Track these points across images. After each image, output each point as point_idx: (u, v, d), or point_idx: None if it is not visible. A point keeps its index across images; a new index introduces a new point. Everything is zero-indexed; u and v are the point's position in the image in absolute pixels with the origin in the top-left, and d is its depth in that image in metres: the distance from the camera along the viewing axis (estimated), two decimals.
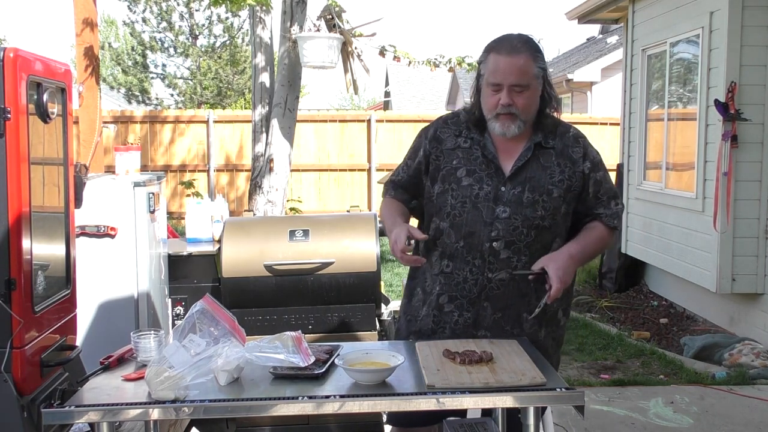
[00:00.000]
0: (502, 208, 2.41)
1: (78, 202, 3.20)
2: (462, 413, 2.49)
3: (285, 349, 2.10)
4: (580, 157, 2.48)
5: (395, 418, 2.60)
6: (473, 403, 2.02)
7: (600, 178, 2.51)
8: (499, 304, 2.44)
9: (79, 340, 3.12)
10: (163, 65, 23.93)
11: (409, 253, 2.39)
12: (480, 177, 2.44)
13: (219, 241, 4.29)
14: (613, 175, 9.48)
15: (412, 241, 2.38)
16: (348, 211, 4.62)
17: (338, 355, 2.19)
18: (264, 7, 6.54)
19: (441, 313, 2.48)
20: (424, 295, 2.54)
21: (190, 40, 23.39)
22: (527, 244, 2.41)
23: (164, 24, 23.07)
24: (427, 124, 2.65)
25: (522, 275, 2.39)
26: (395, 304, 4.91)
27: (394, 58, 6.72)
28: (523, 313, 2.45)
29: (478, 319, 2.45)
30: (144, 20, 22.88)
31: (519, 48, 2.37)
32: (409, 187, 2.61)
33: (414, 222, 2.60)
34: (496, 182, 2.42)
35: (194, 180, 7.86)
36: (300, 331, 2.19)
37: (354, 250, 3.93)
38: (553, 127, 2.50)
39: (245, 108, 19.33)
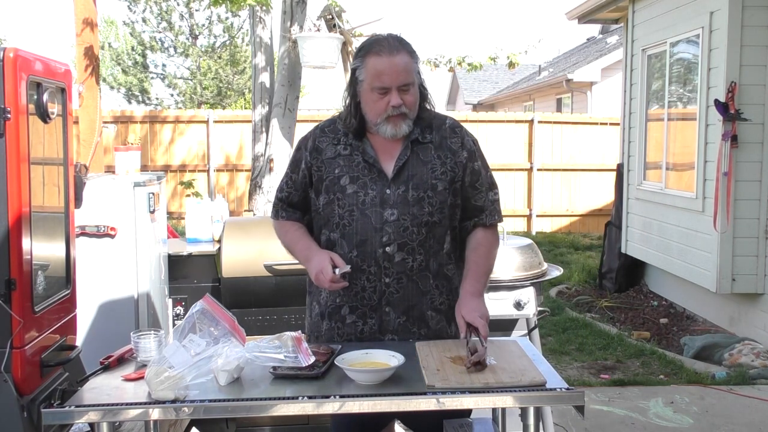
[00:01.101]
0: (389, 210, 2.37)
1: (78, 202, 3.20)
2: (466, 413, 2.48)
3: (285, 349, 2.10)
4: (459, 147, 2.45)
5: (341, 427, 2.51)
6: (473, 403, 2.01)
7: (477, 167, 2.47)
8: (401, 307, 2.39)
9: (79, 340, 3.12)
10: (163, 65, 23.97)
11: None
12: (364, 182, 2.39)
13: (219, 241, 4.29)
14: (612, 175, 9.56)
15: (338, 270, 2.30)
16: None
17: (338, 355, 2.19)
18: (264, 7, 6.54)
19: (344, 325, 2.43)
20: (320, 308, 2.49)
21: (190, 40, 23.40)
22: (420, 242, 2.38)
23: (164, 24, 23.09)
24: None
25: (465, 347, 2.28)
26: None
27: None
28: (428, 311, 2.42)
29: (382, 325, 2.40)
30: (144, 20, 22.91)
31: (398, 47, 2.34)
32: (298, 203, 2.53)
33: None
34: (380, 185, 2.38)
35: (194, 180, 7.85)
36: (300, 332, 2.19)
37: None
38: (429, 120, 2.46)
39: (245, 108, 19.34)
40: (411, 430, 2.53)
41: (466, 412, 2.39)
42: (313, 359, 2.11)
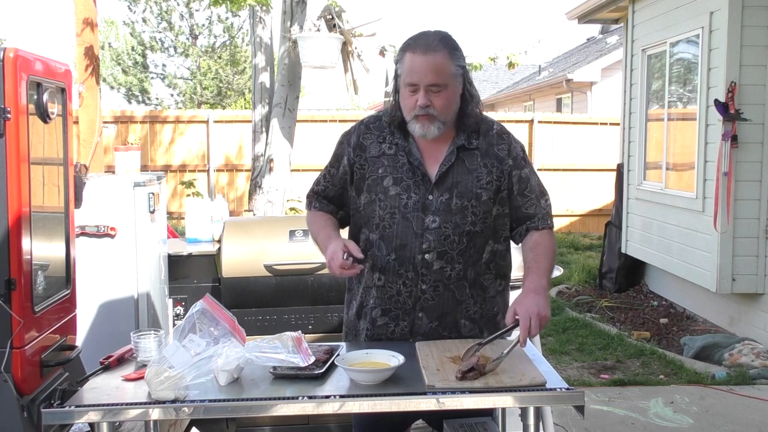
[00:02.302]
0: (431, 217, 2.32)
1: (78, 202, 3.20)
2: (464, 413, 2.48)
3: (285, 349, 2.10)
4: (506, 155, 2.39)
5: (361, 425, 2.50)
6: (473, 403, 2.01)
7: (525, 175, 2.41)
8: (434, 313, 2.37)
9: (79, 340, 3.12)
10: (163, 65, 23.97)
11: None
12: (408, 185, 2.35)
13: (219, 241, 4.29)
14: (612, 175, 9.56)
15: (350, 258, 2.27)
16: None
17: (338, 355, 2.19)
18: (264, 7, 6.54)
19: (374, 326, 2.42)
20: (358, 309, 2.47)
21: (190, 40, 23.40)
22: (460, 252, 2.34)
23: (164, 24, 23.09)
24: None
25: (497, 337, 2.26)
26: None
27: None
28: (461, 320, 2.38)
29: (414, 328, 2.38)
30: (144, 20, 22.91)
31: (435, 46, 2.27)
32: (334, 198, 2.50)
33: (345, 232, 2.51)
34: (423, 191, 2.34)
35: (194, 180, 7.85)
36: (300, 332, 2.19)
37: None
38: (476, 125, 2.39)
39: (245, 108, 19.34)
40: (434, 430, 2.51)
41: (485, 412, 2.37)
42: (313, 359, 2.11)
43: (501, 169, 2.38)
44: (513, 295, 3.57)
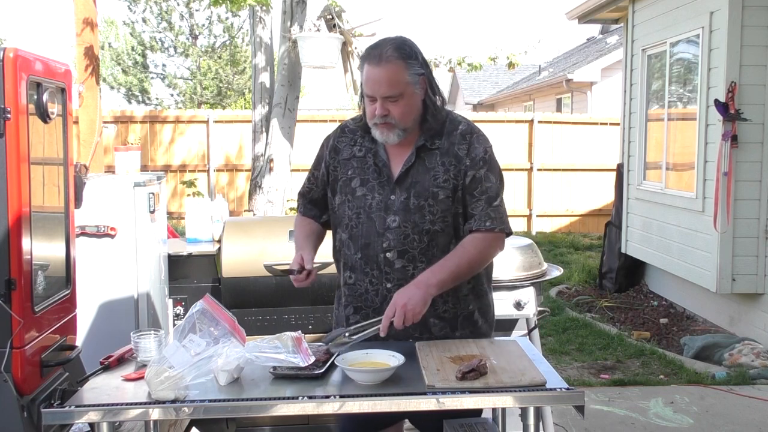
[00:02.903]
0: (392, 217, 2.36)
1: (78, 202, 3.20)
2: (475, 413, 2.47)
3: (285, 349, 2.10)
4: (465, 154, 2.39)
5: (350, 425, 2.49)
6: (473, 403, 2.01)
7: (479, 176, 2.38)
8: None
9: (79, 340, 3.12)
10: (163, 65, 23.97)
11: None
12: (372, 186, 2.40)
13: (219, 241, 4.29)
14: (612, 175, 9.56)
15: (298, 269, 2.35)
16: None
17: (338, 355, 2.19)
18: (264, 7, 6.54)
19: (348, 324, 2.44)
20: (337, 306, 2.54)
21: (190, 40, 23.40)
22: (422, 251, 2.35)
23: (164, 24, 23.10)
24: None
25: (360, 337, 2.25)
26: None
27: None
28: (430, 318, 2.37)
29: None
30: (144, 20, 22.92)
31: (389, 57, 2.28)
32: (318, 200, 2.56)
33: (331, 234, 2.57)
34: (386, 191, 2.38)
35: (195, 180, 7.85)
36: (300, 332, 2.19)
37: None
38: (439, 126, 2.40)
39: (245, 108, 19.33)
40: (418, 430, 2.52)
41: (476, 412, 2.38)
42: (313, 359, 2.11)
43: (458, 168, 2.38)
44: (497, 295, 3.58)
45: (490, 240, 2.37)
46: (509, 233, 2.42)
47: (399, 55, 2.31)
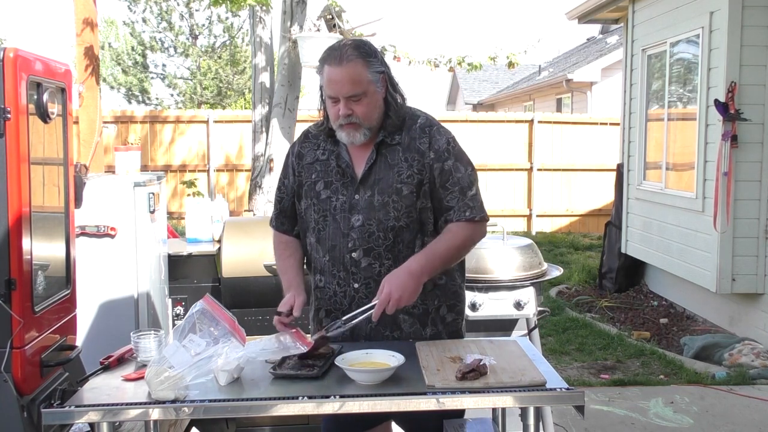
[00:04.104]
0: (356, 216, 2.36)
1: (78, 202, 3.20)
2: (459, 413, 2.48)
3: (284, 344, 2.11)
4: (426, 148, 2.38)
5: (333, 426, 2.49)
6: (473, 403, 2.01)
7: (447, 167, 2.38)
8: None
9: (79, 340, 3.12)
10: (163, 65, 23.96)
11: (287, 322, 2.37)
12: (336, 188, 2.40)
13: (219, 241, 4.29)
14: (612, 175, 9.56)
15: (287, 312, 2.35)
16: None
17: (338, 354, 2.19)
18: (264, 7, 6.54)
19: (321, 327, 2.42)
20: (310, 311, 2.54)
21: (190, 40, 23.40)
22: (387, 248, 2.36)
23: (164, 24, 23.08)
24: None
25: (354, 323, 2.27)
26: None
27: (394, 57, 6.72)
28: (400, 315, 2.38)
29: (354, 330, 2.36)
30: (144, 20, 22.90)
31: (349, 56, 2.29)
32: (287, 209, 2.55)
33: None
34: (350, 191, 2.38)
35: (195, 180, 7.85)
36: (298, 328, 2.21)
37: None
38: (399, 122, 2.40)
39: (245, 108, 19.33)
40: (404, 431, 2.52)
41: (460, 412, 2.39)
42: (309, 339, 2.11)
43: (422, 162, 2.38)
44: (497, 295, 3.57)
45: (472, 228, 2.39)
46: (488, 219, 2.44)
47: (359, 54, 2.32)
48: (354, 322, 2.27)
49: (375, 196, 2.37)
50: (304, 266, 2.57)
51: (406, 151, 2.39)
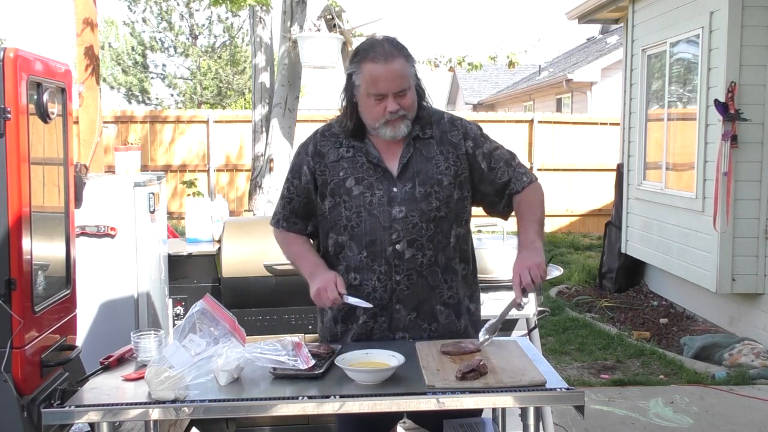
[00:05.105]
0: (398, 208, 2.38)
1: (78, 202, 3.20)
2: (476, 413, 2.47)
3: (285, 350, 2.11)
4: (460, 139, 2.47)
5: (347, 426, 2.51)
6: (473, 403, 2.01)
7: (487, 149, 2.49)
8: (411, 303, 2.41)
9: (79, 340, 3.12)
10: (163, 65, 23.95)
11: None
12: (370, 183, 2.40)
13: (219, 241, 4.29)
14: (612, 175, 9.56)
15: (346, 298, 2.33)
16: None
17: (338, 354, 2.19)
18: (264, 7, 6.54)
19: (357, 325, 2.44)
20: (332, 313, 2.49)
21: (190, 40, 23.39)
22: (428, 238, 2.40)
23: (164, 24, 23.08)
24: None
25: (505, 314, 2.34)
26: None
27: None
28: (437, 306, 2.43)
29: (392, 323, 2.41)
30: (144, 20, 22.89)
31: (393, 53, 2.34)
32: (299, 210, 2.53)
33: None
34: (387, 185, 2.40)
35: (195, 180, 7.85)
36: (300, 337, 2.20)
37: None
38: (428, 117, 2.47)
39: (245, 108, 19.33)
40: (421, 427, 2.51)
41: (476, 412, 2.39)
42: (313, 362, 2.11)
43: (457, 154, 2.46)
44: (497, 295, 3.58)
45: (534, 189, 2.51)
46: (537, 178, 2.57)
47: (398, 50, 2.38)
48: (505, 312, 2.33)
49: (416, 187, 2.40)
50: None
51: (440, 144, 2.46)
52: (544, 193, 2.56)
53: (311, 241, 2.59)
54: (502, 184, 2.49)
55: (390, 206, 2.39)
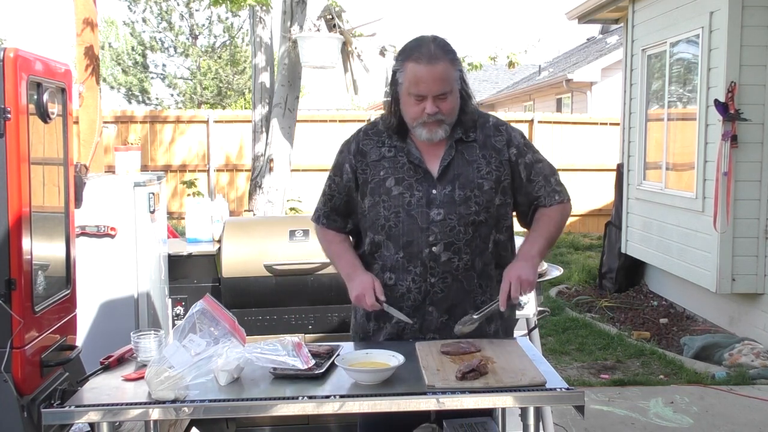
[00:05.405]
0: (436, 210, 2.38)
1: (78, 202, 3.19)
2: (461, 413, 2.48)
3: (285, 350, 2.11)
4: (504, 145, 2.45)
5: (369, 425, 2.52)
6: (473, 403, 2.01)
7: (529, 160, 2.48)
8: (444, 306, 2.41)
9: (79, 340, 3.11)
10: (163, 65, 23.96)
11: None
12: (410, 184, 2.40)
13: (219, 241, 4.29)
14: (612, 175, 9.56)
15: (386, 306, 2.35)
16: None
17: (338, 355, 2.19)
18: (264, 7, 6.54)
19: (390, 324, 2.44)
20: (366, 311, 2.49)
21: (190, 40, 23.40)
22: (466, 242, 2.39)
23: (164, 24, 23.09)
24: None
25: (485, 314, 2.36)
26: None
27: (394, 58, 6.71)
28: (470, 310, 2.42)
29: (424, 324, 2.41)
30: (144, 20, 22.90)
31: (438, 55, 2.32)
32: (340, 207, 2.54)
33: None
34: (426, 186, 2.39)
35: (195, 180, 7.85)
36: (300, 337, 2.20)
37: None
38: (472, 119, 2.46)
39: (245, 108, 19.33)
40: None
41: (485, 412, 2.39)
42: (313, 362, 2.11)
43: (500, 159, 2.44)
44: None
45: (561, 209, 2.53)
46: (570, 198, 2.58)
47: (445, 53, 2.35)
48: (483, 313, 2.35)
49: (456, 190, 2.39)
50: None
51: (483, 148, 2.45)
52: (570, 212, 2.58)
53: (350, 238, 2.59)
54: (534, 197, 2.49)
55: (428, 208, 2.38)
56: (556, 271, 3.81)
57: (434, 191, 2.39)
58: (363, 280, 2.38)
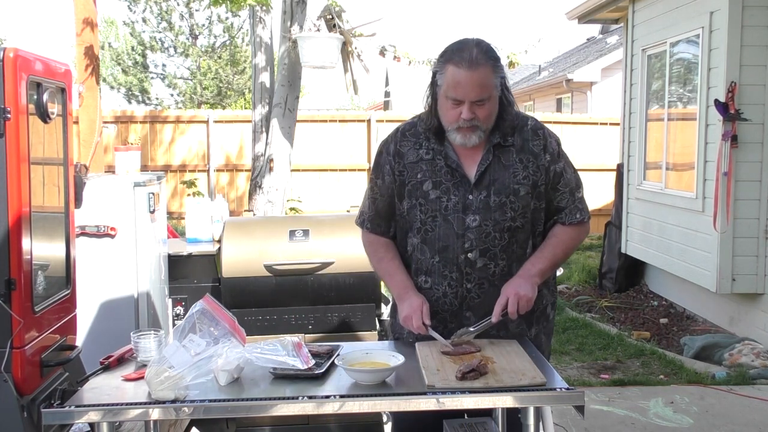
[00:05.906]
0: (471, 216, 2.36)
1: (78, 202, 3.20)
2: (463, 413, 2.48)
3: (285, 350, 2.11)
4: (541, 150, 2.43)
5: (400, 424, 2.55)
6: (473, 403, 2.01)
7: (560, 169, 2.46)
8: (481, 311, 2.39)
9: (79, 340, 3.12)
10: (163, 65, 23.95)
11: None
12: (447, 188, 2.38)
13: (219, 241, 4.29)
14: (612, 175, 9.56)
15: (431, 331, 2.32)
16: (348, 211, 4.62)
17: (338, 355, 2.19)
18: (264, 7, 6.54)
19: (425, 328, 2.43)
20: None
21: (190, 40, 23.39)
22: (502, 248, 2.37)
23: (164, 24, 23.08)
24: None
25: (482, 328, 2.33)
26: None
27: (394, 58, 6.72)
28: (506, 316, 2.39)
29: (461, 328, 2.38)
30: (144, 20, 22.89)
31: (479, 60, 2.27)
32: (383, 209, 2.51)
33: None
34: (462, 191, 2.37)
35: (195, 180, 7.84)
36: (300, 337, 2.20)
37: (354, 250, 3.92)
38: (511, 123, 2.42)
39: (245, 108, 19.33)
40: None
41: (486, 412, 2.40)
42: (313, 362, 2.11)
43: (537, 164, 2.42)
44: None
45: (579, 230, 2.48)
46: (590, 218, 2.54)
47: (487, 58, 2.30)
48: (479, 327, 2.32)
49: (491, 196, 2.37)
50: None
51: (520, 152, 2.42)
52: (589, 232, 2.54)
53: (396, 248, 2.54)
54: (556, 209, 2.46)
55: (464, 214, 2.36)
56: (557, 271, 3.80)
57: (470, 197, 2.37)
58: (413, 302, 2.36)
